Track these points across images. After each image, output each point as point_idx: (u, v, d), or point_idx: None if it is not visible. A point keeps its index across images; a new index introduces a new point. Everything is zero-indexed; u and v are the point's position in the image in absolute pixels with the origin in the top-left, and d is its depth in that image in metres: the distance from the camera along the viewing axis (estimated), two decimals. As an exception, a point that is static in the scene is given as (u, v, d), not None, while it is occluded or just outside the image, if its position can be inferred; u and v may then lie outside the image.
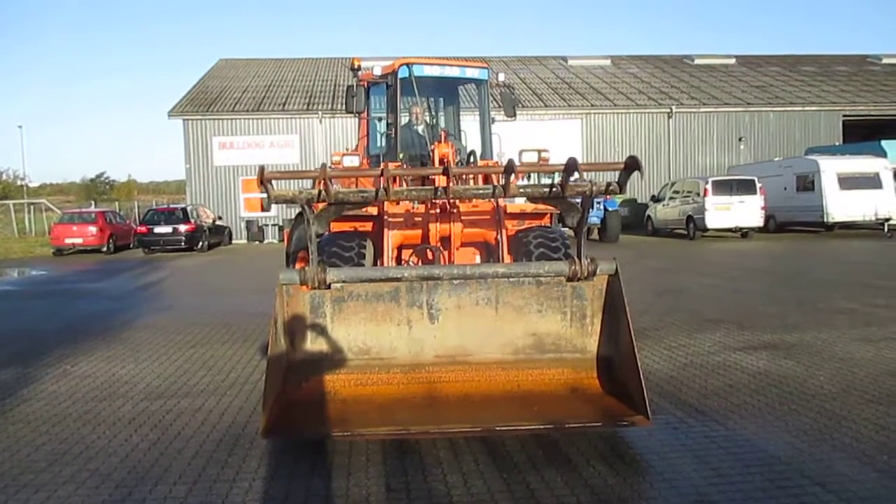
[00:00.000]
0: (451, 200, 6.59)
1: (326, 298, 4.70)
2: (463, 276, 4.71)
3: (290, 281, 4.54)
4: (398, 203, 6.94)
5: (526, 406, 4.49)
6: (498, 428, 4.30)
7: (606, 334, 4.72)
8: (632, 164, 4.18)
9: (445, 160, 6.47)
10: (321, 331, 4.71)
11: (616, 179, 4.36)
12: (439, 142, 6.65)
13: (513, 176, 4.43)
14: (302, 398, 4.51)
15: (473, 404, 4.55)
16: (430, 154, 6.66)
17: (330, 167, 4.90)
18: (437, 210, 6.60)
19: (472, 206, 7.00)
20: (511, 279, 4.77)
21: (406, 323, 4.76)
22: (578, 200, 4.74)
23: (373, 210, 6.94)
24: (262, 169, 4.23)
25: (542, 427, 4.33)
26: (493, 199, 6.97)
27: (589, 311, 4.79)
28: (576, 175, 4.31)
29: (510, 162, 4.52)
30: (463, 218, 6.72)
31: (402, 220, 6.72)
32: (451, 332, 4.77)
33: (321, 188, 4.30)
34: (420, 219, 6.71)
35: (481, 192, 5.14)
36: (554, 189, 4.51)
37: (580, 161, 4.21)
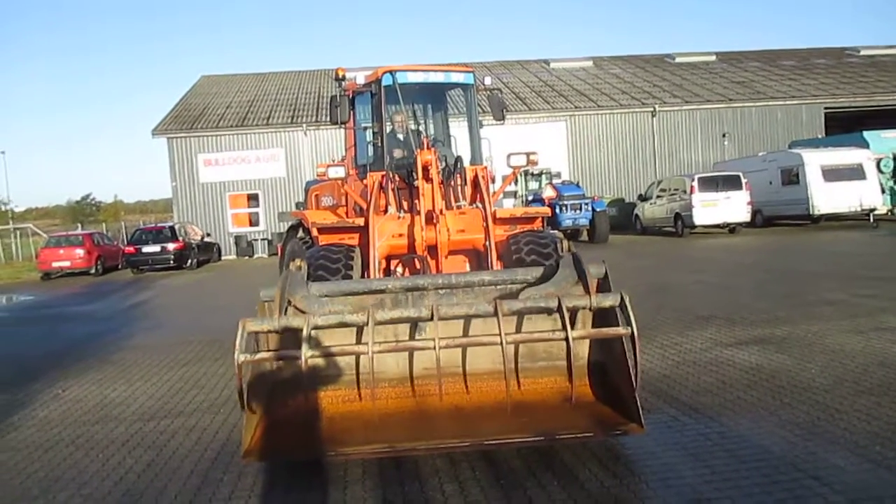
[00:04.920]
0: (439, 209, 6.60)
1: None
2: (448, 286, 4.63)
3: (272, 298, 4.45)
4: (385, 213, 6.94)
5: (518, 417, 4.36)
6: (488, 442, 4.18)
7: (598, 340, 4.63)
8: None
9: (428, 167, 6.47)
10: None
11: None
12: (421, 149, 6.62)
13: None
14: (287, 417, 4.37)
15: (464, 417, 4.43)
16: (414, 162, 6.66)
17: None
18: (423, 219, 6.57)
19: (459, 213, 7.01)
20: (498, 287, 4.71)
21: (393, 335, 4.65)
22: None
23: (360, 221, 6.94)
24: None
25: (534, 439, 4.22)
26: (479, 207, 6.97)
27: (580, 317, 4.70)
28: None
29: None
30: (450, 226, 6.70)
31: (389, 230, 6.71)
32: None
33: None
34: (407, 228, 6.70)
35: (465, 281, 4.87)
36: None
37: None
